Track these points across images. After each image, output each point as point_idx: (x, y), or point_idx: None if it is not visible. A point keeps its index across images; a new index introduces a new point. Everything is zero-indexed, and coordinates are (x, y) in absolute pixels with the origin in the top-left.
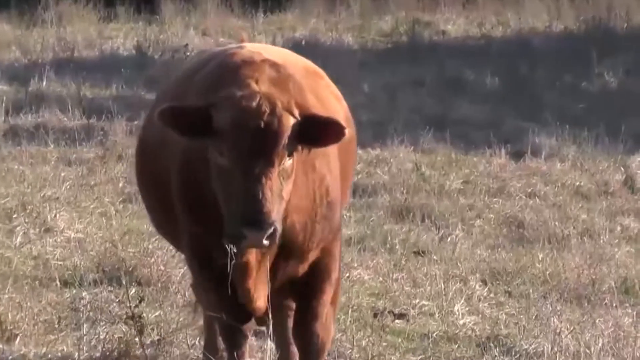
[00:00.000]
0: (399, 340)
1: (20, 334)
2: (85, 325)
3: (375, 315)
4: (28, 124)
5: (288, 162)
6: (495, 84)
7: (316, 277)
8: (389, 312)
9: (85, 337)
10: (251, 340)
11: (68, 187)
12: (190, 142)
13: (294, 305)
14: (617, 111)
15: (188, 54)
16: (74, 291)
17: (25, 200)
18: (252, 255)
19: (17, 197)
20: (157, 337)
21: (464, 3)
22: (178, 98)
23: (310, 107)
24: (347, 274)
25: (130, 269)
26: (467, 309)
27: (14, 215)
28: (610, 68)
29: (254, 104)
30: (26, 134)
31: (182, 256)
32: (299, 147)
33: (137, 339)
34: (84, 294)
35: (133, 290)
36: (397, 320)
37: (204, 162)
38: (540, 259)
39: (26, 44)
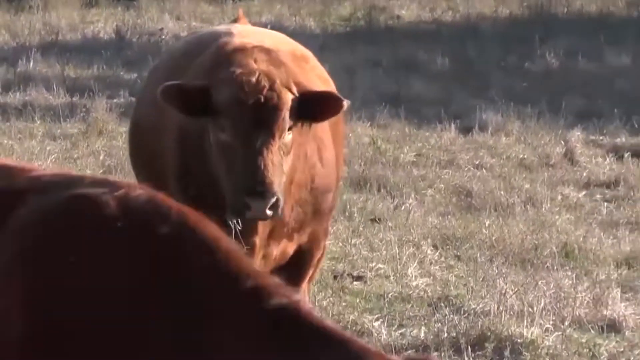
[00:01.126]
0: (357, 300)
1: None
2: None
3: (335, 278)
4: (16, 102)
5: (288, 137)
6: (446, 65)
7: (300, 264)
8: (347, 274)
9: None
10: None
11: (53, 160)
12: (190, 119)
13: None
14: (558, 89)
15: (163, 37)
16: None
17: None
18: (256, 235)
19: None
20: None
21: None
22: (174, 79)
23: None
24: None
25: None
26: (419, 271)
27: None
28: (551, 50)
29: (254, 79)
30: (14, 111)
31: None
32: (299, 123)
33: None
34: None
35: None
36: (355, 282)
37: (200, 141)
38: (486, 225)
39: (14, 29)
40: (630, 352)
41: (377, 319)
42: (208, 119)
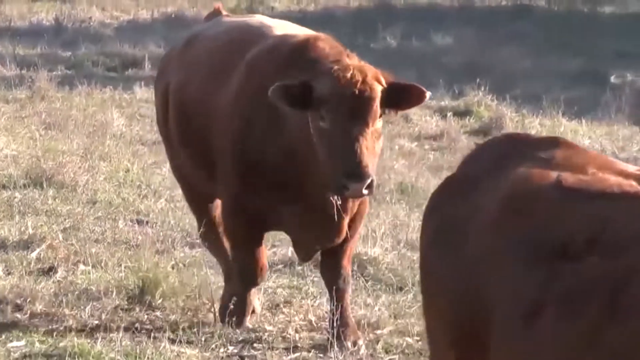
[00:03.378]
0: None
1: None
2: (17, 216)
3: None
4: None
5: (379, 124)
6: None
7: (354, 223)
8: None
9: (17, 225)
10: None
11: (6, 118)
12: (294, 112)
13: None
14: (396, 65)
15: (91, 23)
16: (9, 192)
17: None
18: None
19: None
20: (68, 224)
21: None
22: (224, 71)
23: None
24: None
25: (50, 176)
26: None
27: None
28: (391, 33)
29: (349, 74)
30: None
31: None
32: (387, 111)
33: (53, 226)
34: (16, 194)
35: (51, 192)
36: None
37: (268, 128)
38: None
39: None
40: None
41: None
42: (310, 109)
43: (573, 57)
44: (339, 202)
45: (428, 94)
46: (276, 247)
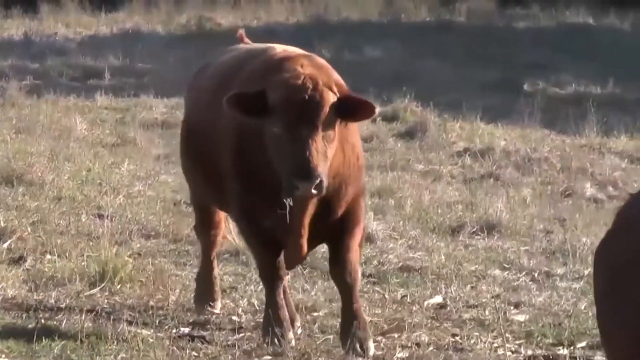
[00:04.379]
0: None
1: None
2: None
3: (174, 204)
4: None
5: (329, 130)
6: None
7: (348, 222)
8: (184, 202)
9: None
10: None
11: None
12: (250, 121)
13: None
14: None
15: (57, 38)
16: None
17: None
18: (305, 213)
19: None
20: (36, 218)
21: (233, 4)
22: (223, 89)
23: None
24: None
25: (19, 175)
26: None
27: None
28: (326, 46)
29: (300, 81)
30: None
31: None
32: (338, 121)
33: (23, 220)
34: None
35: (20, 189)
36: (189, 208)
37: (256, 140)
38: None
39: None
40: (380, 256)
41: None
42: (265, 117)
43: (490, 67)
44: (291, 204)
45: (377, 109)
46: (223, 238)
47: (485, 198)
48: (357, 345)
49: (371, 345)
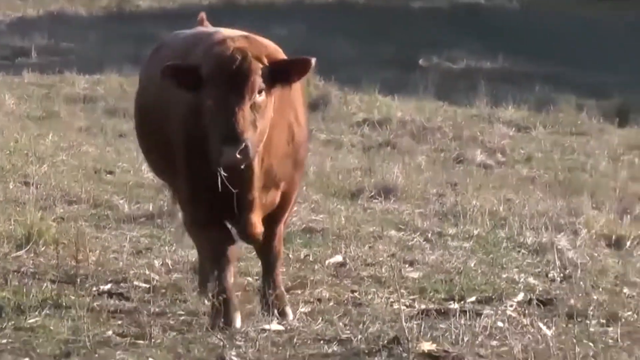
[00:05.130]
0: (109, 187)
1: None
2: None
3: (95, 172)
4: None
5: (260, 99)
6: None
7: (280, 208)
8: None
9: None
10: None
11: None
12: (186, 92)
13: None
14: None
15: None
16: None
17: None
18: (253, 190)
19: None
20: None
21: None
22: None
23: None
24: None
25: None
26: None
27: None
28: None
29: (228, 54)
30: None
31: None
32: (276, 86)
33: None
34: None
35: None
36: (108, 175)
37: (201, 117)
38: None
39: None
40: None
41: (121, 199)
42: (200, 89)
43: (388, 44)
44: (223, 173)
45: (313, 60)
46: (139, 203)
47: (383, 165)
48: (276, 311)
49: (289, 310)
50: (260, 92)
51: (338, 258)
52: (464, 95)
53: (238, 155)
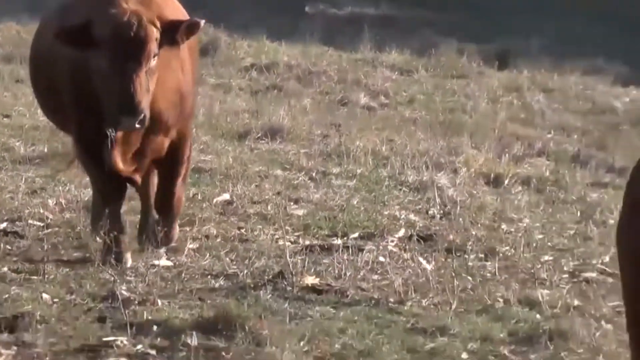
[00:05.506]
0: (6, 130)
1: None
2: None
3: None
4: None
5: (153, 63)
6: None
7: (173, 160)
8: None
9: None
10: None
11: None
12: (79, 52)
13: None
14: None
15: None
16: None
17: None
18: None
19: None
20: None
21: None
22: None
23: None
24: None
25: None
26: None
27: None
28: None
29: (125, 18)
30: None
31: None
32: (164, 47)
33: None
34: None
35: None
36: (5, 119)
37: (88, 70)
38: None
39: None
40: None
41: (17, 141)
42: (92, 49)
43: None
44: (114, 134)
45: (202, 22)
46: (34, 145)
47: (270, 107)
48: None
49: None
50: (154, 57)
51: (225, 196)
52: (349, 41)
53: (137, 125)
